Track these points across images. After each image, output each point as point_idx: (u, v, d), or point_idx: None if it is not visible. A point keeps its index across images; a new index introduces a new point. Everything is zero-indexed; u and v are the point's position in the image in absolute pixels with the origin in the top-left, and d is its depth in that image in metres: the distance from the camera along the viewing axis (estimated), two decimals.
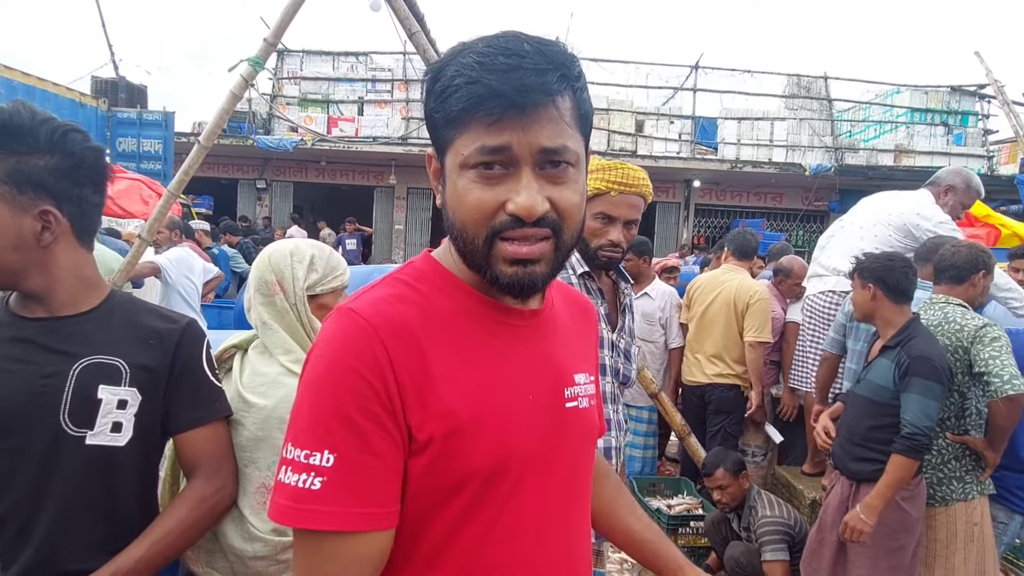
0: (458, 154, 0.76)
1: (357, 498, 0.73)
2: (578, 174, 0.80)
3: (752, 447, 4.04)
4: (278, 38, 3.37)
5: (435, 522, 0.78)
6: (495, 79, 0.72)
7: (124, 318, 1.26)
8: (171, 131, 9.62)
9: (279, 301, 1.57)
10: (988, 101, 13.09)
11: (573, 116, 0.78)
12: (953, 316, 2.54)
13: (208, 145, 3.31)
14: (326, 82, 13.27)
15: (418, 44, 3.35)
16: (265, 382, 1.51)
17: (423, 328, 0.78)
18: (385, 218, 14.38)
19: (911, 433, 2.32)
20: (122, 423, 1.19)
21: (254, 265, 1.63)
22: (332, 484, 0.73)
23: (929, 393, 2.33)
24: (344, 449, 0.73)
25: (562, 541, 0.87)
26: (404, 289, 0.82)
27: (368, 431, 0.73)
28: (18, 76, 7.85)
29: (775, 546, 3.00)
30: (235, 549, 1.48)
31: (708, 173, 13.29)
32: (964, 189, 3.39)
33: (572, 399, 0.89)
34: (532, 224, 0.75)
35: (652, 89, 13.61)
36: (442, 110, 0.76)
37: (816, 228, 14.13)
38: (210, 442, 1.32)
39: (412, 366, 0.75)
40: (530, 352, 0.86)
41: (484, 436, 0.77)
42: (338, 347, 0.76)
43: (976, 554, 2.49)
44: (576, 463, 0.90)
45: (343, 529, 0.73)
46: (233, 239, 8.22)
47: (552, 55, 0.75)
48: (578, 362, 0.93)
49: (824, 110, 13.45)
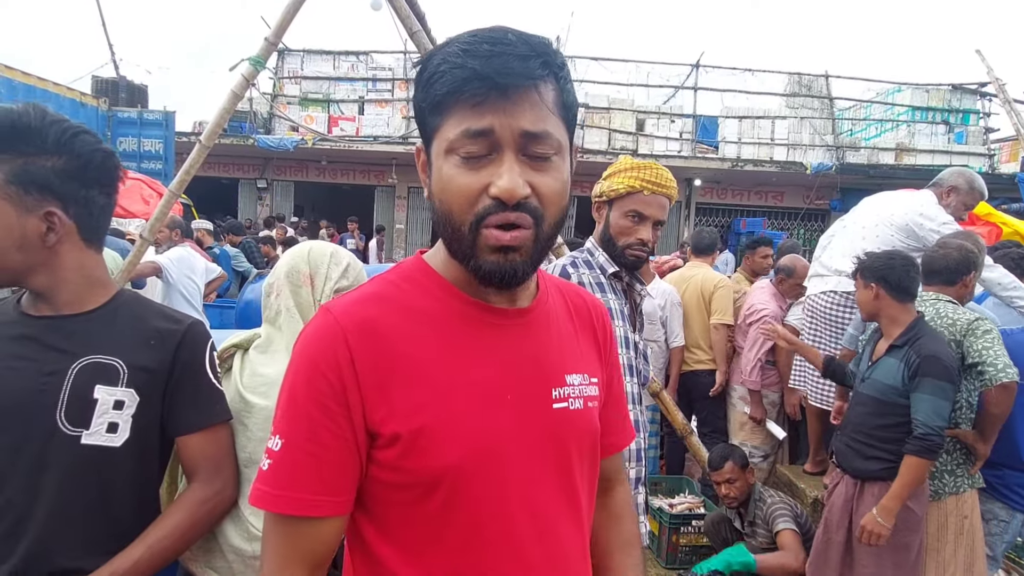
0: (443, 140, 0.78)
1: (293, 483, 0.78)
2: (560, 163, 0.80)
3: (750, 447, 4.03)
4: (279, 37, 3.36)
5: (417, 519, 0.80)
6: (478, 63, 0.74)
7: (129, 318, 1.25)
8: (172, 130, 9.63)
9: (305, 293, 1.59)
10: (989, 99, 13.08)
11: (556, 103, 0.79)
12: (945, 311, 2.58)
13: (209, 145, 3.31)
14: (327, 81, 13.28)
15: (419, 43, 3.35)
16: (266, 383, 1.51)
17: (398, 327, 0.81)
18: (386, 217, 14.38)
19: (924, 434, 2.31)
20: (118, 424, 1.19)
21: (289, 254, 1.64)
22: (276, 467, 0.79)
23: (941, 393, 2.32)
24: (292, 436, 0.79)
25: (553, 543, 0.86)
26: (387, 288, 0.85)
27: (318, 423, 0.78)
28: (18, 76, 7.85)
29: (785, 519, 3.04)
30: (235, 548, 1.48)
31: (709, 172, 13.27)
32: (967, 190, 3.38)
33: (561, 400, 0.87)
34: (513, 208, 0.76)
35: (653, 88, 13.60)
36: (428, 97, 0.78)
37: (817, 227, 14.12)
38: (210, 445, 1.31)
39: (376, 365, 0.79)
40: (514, 351, 0.85)
41: (454, 434, 0.79)
42: (308, 343, 0.81)
43: (966, 547, 2.52)
44: (567, 466, 0.88)
45: (273, 510, 0.79)
46: (236, 239, 8.22)
47: (535, 44, 0.77)
48: (573, 362, 0.92)
49: (825, 108, 13.44)
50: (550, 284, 0.97)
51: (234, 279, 7.34)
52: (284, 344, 1.57)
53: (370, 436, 0.79)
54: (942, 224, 3.20)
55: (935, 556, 2.52)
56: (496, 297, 0.86)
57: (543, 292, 0.92)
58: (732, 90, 13.14)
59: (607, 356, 1.02)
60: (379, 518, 0.82)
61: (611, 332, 1.05)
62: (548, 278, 0.98)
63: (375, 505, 0.82)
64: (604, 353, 1.01)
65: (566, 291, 1.00)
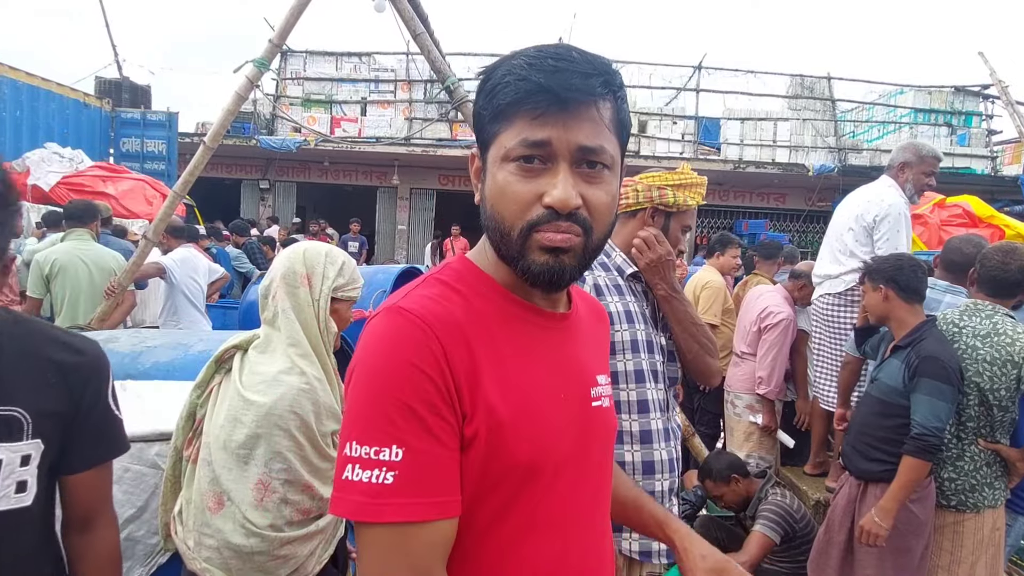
0: (501, 147, 0.80)
1: (429, 488, 0.75)
2: (612, 178, 0.83)
3: (757, 458, 3.98)
4: (283, 39, 3.38)
5: (476, 516, 0.81)
6: (543, 77, 0.77)
7: (18, 352, 1.05)
8: (175, 131, 9.67)
9: (302, 294, 1.61)
10: (992, 101, 13.06)
11: (612, 121, 0.83)
12: (1004, 328, 2.42)
13: (213, 146, 3.32)
14: (329, 82, 13.28)
15: (422, 45, 3.36)
16: (264, 380, 1.54)
17: (470, 327, 0.82)
18: (388, 218, 14.40)
19: (920, 434, 2.31)
20: (27, 480, 1.04)
21: (284, 255, 1.66)
22: (404, 477, 0.75)
23: (938, 394, 2.31)
24: (412, 442, 0.75)
25: (591, 540, 0.90)
26: (446, 290, 0.86)
27: (431, 423, 0.76)
28: (23, 77, 7.89)
29: (765, 522, 2.97)
30: (233, 545, 1.50)
31: (711, 173, 13.18)
32: (917, 160, 3.37)
33: (597, 399, 0.93)
34: (565, 218, 0.78)
35: (655, 89, 13.59)
36: (490, 106, 0.81)
37: (819, 228, 14.09)
38: (107, 479, 1.19)
39: (463, 362, 0.79)
40: (560, 353, 0.90)
41: (523, 433, 0.81)
42: (394, 343, 0.78)
43: (992, 557, 2.49)
44: (603, 463, 0.94)
45: (420, 519, 0.75)
46: (240, 239, 8.23)
47: (598, 63, 0.81)
48: (599, 364, 0.98)
49: (827, 110, 13.43)
50: (574, 291, 1.00)
51: (237, 280, 7.36)
52: (283, 344, 1.59)
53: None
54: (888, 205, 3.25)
55: (967, 569, 2.47)
56: (541, 301, 0.89)
57: (574, 299, 0.98)
58: (734, 92, 13.14)
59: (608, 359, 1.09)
60: None
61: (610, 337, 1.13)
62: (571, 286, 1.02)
63: None
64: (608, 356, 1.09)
65: (582, 297, 1.05)
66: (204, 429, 1.61)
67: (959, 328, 2.52)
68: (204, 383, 1.67)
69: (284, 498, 1.53)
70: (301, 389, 1.54)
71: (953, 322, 2.56)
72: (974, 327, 2.48)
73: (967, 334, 2.48)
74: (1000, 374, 2.37)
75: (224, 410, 1.56)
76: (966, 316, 2.54)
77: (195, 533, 1.55)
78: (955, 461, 2.47)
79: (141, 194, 7.10)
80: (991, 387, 2.39)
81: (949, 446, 2.47)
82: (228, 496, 1.52)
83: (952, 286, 2.94)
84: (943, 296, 2.92)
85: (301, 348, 1.59)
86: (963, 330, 2.50)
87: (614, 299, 1.73)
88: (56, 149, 7.20)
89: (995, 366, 2.38)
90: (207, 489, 1.54)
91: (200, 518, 1.55)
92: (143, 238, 3.54)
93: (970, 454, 2.47)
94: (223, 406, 1.58)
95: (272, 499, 1.52)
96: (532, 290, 0.86)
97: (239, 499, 1.51)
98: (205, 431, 1.60)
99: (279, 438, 1.51)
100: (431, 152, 12.40)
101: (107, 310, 3.86)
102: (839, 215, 3.59)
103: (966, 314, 2.55)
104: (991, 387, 2.39)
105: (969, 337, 2.47)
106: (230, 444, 1.52)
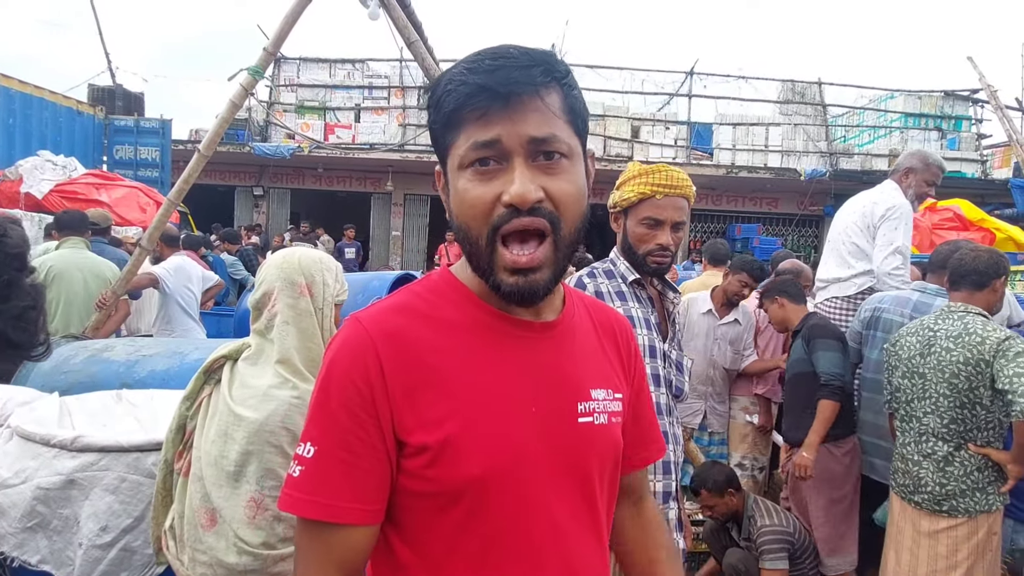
0: (456, 156, 0.80)
1: (324, 489, 0.78)
2: (572, 166, 0.81)
3: (751, 460, 3.99)
4: (278, 47, 3.39)
5: (440, 528, 0.81)
6: (481, 77, 0.77)
7: None
8: (168, 138, 9.63)
9: (304, 303, 1.58)
10: (981, 106, 13.16)
11: (562, 109, 0.80)
12: (974, 327, 2.44)
13: (208, 154, 3.32)
14: (323, 89, 13.27)
15: (416, 53, 3.37)
16: (255, 395, 1.51)
17: (426, 337, 0.82)
18: (382, 224, 14.37)
19: (827, 381, 2.91)
20: None
21: (276, 266, 1.62)
22: (308, 473, 0.79)
23: (831, 347, 2.98)
24: (324, 443, 0.79)
25: (572, 557, 0.86)
26: (413, 299, 0.86)
27: (349, 431, 0.79)
28: (15, 85, 7.86)
29: (774, 555, 3.00)
30: (225, 564, 1.48)
31: (703, 178, 13.29)
32: (923, 168, 3.46)
33: (587, 414, 0.88)
34: (528, 213, 0.77)
35: (648, 95, 13.67)
36: (439, 117, 0.81)
37: (811, 232, 14.18)
38: None
39: (405, 374, 0.80)
40: (538, 364, 0.86)
41: (479, 445, 0.79)
42: (339, 352, 0.82)
43: (988, 563, 2.49)
44: (589, 480, 0.88)
45: (305, 516, 0.79)
46: (232, 247, 8.20)
47: (536, 54, 0.79)
48: (598, 377, 0.92)
49: (819, 115, 13.51)
50: (576, 299, 0.97)
51: (232, 287, 7.33)
52: (275, 356, 1.55)
53: (399, 445, 0.80)
54: (888, 208, 3.36)
55: (964, 575, 2.47)
56: (521, 310, 0.86)
57: (569, 307, 0.93)
58: (726, 97, 13.21)
59: (632, 372, 1.02)
60: (402, 525, 0.83)
61: (636, 348, 1.04)
62: (575, 293, 0.99)
63: (399, 512, 0.83)
64: (629, 369, 1.01)
65: (592, 307, 1.01)
66: (195, 443, 1.58)
67: (934, 332, 2.56)
68: (193, 395, 1.63)
69: (277, 515, 1.49)
70: (292, 404, 1.49)
71: (928, 326, 2.60)
72: (947, 329, 2.52)
73: (941, 336, 2.52)
74: (975, 373, 2.41)
75: (215, 424, 1.53)
76: (940, 319, 2.58)
77: (189, 550, 1.53)
78: (944, 467, 2.48)
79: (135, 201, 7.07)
80: (969, 386, 2.42)
81: (935, 449, 2.50)
82: (220, 514, 1.48)
83: (942, 289, 2.97)
84: (934, 299, 2.95)
85: (290, 365, 1.54)
86: (937, 333, 2.55)
87: (616, 305, 1.73)
88: (49, 157, 7.16)
89: (969, 366, 2.41)
90: (199, 505, 1.51)
91: (193, 534, 1.52)
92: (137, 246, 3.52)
93: (959, 459, 2.47)
94: (213, 420, 1.54)
95: (265, 516, 1.48)
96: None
97: (231, 517, 1.48)
98: (196, 445, 1.57)
99: (271, 455, 1.47)
100: (425, 158, 12.36)
101: (100, 320, 3.85)
102: (842, 218, 3.62)
103: (940, 317, 2.59)
104: (969, 386, 2.42)
105: (943, 339, 2.51)
106: (221, 461, 1.49)
